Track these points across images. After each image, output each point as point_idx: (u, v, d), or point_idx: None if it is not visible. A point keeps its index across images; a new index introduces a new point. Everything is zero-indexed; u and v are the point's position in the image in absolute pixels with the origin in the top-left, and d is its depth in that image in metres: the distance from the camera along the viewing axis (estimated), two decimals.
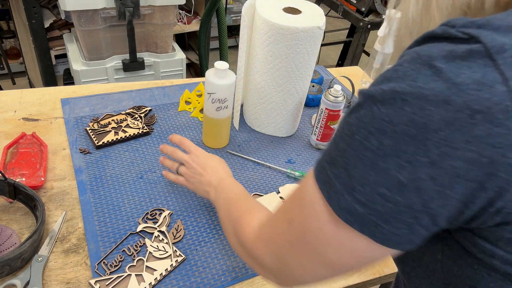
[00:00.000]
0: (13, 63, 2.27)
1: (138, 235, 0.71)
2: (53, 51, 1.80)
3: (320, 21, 0.84)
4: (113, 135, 0.91)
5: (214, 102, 0.85)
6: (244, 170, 0.89)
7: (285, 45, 0.83)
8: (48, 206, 0.74)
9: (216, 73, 0.83)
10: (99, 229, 0.71)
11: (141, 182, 0.82)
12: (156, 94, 1.08)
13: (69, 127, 0.92)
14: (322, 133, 0.96)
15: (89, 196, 0.77)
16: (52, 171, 0.81)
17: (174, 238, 0.72)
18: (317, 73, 1.22)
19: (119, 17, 1.52)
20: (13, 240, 0.66)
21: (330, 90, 0.92)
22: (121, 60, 1.67)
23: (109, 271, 0.65)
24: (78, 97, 1.02)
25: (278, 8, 0.86)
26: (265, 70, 0.89)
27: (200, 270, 0.68)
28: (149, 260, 0.67)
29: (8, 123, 0.91)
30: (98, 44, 1.58)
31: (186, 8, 2.25)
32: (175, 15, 1.68)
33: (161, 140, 0.93)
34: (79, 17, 1.47)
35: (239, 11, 2.83)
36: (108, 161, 0.85)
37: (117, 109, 1.00)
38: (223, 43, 1.88)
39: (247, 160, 0.92)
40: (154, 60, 1.75)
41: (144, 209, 0.76)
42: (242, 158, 0.93)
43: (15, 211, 0.73)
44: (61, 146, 0.88)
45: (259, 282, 0.68)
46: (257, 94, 0.94)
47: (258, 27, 0.85)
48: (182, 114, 1.03)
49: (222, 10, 1.80)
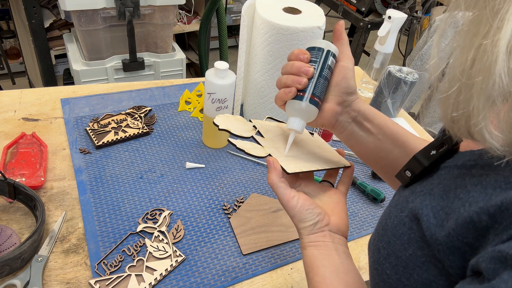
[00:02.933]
0: (13, 63, 2.27)
1: (138, 235, 0.71)
2: (53, 51, 1.80)
3: (320, 21, 0.84)
4: (113, 135, 0.91)
5: (214, 102, 0.85)
6: (244, 170, 0.89)
7: (285, 45, 0.83)
8: (48, 206, 0.74)
9: (216, 73, 0.83)
10: (99, 229, 0.71)
11: (141, 182, 0.82)
12: (156, 94, 1.08)
13: (69, 127, 0.92)
14: (322, 133, 0.96)
15: (89, 196, 0.77)
16: (52, 171, 0.81)
17: (174, 238, 0.72)
18: None
19: (119, 17, 1.52)
20: (13, 240, 0.66)
21: None
22: (121, 60, 1.67)
23: (109, 271, 0.65)
24: (78, 97, 1.02)
25: (278, 8, 0.86)
26: (265, 70, 0.89)
27: (200, 270, 0.68)
28: (149, 260, 0.67)
29: (8, 123, 0.91)
30: (98, 44, 1.58)
31: (186, 8, 2.25)
32: (175, 15, 1.68)
33: (161, 140, 0.93)
34: (79, 17, 1.47)
35: (239, 11, 2.83)
36: (108, 161, 0.85)
37: (117, 109, 1.00)
38: (223, 43, 1.88)
39: (247, 160, 0.92)
40: (154, 60, 1.75)
41: (144, 209, 0.76)
42: (242, 158, 0.93)
43: (15, 211, 0.73)
44: (61, 146, 0.88)
45: (259, 282, 0.68)
46: (257, 94, 0.94)
47: (258, 27, 0.85)
48: (182, 114, 1.03)
49: (222, 10, 1.80)
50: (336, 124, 0.55)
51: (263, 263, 0.71)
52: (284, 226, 0.78)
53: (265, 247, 0.73)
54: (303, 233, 0.51)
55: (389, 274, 0.40)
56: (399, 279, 0.38)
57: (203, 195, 0.82)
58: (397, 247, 0.39)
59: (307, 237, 0.51)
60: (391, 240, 0.40)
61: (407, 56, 2.08)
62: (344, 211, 0.54)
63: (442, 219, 0.35)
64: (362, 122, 0.54)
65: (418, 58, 1.08)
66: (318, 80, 0.52)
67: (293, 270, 0.71)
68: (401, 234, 0.39)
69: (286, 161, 0.55)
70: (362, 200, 0.87)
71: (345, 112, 0.54)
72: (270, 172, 0.52)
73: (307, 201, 0.51)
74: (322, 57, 0.52)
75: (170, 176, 0.84)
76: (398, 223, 0.40)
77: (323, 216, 0.51)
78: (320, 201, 0.55)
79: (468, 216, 0.33)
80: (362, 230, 0.80)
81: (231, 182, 0.86)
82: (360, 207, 0.85)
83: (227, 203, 0.81)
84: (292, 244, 0.75)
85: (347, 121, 0.55)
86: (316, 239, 0.50)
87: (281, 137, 0.61)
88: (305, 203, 0.51)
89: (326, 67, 0.52)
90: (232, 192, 0.83)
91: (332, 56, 0.53)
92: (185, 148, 0.92)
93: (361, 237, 0.79)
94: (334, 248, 0.50)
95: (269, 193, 0.85)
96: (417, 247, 0.37)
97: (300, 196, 0.51)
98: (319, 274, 0.48)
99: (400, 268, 0.38)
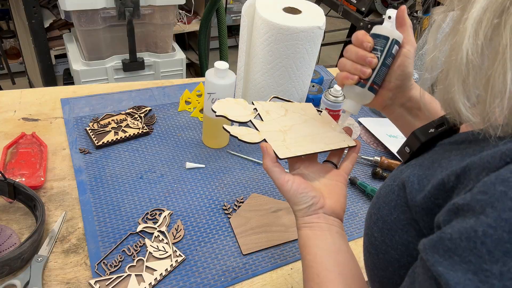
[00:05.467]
0: (13, 63, 2.27)
1: (138, 235, 0.71)
2: (53, 51, 1.80)
3: (320, 21, 0.84)
4: (113, 135, 0.91)
5: (214, 102, 0.85)
6: (244, 170, 0.89)
7: (285, 45, 0.83)
8: (48, 206, 0.74)
9: (216, 73, 0.83)
10: (99, 229, 0.71)
11: (141, 182, 0.82)
12: (156, 94, 1.08)
13: (69, 127, 0.92)
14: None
15: (89, 196, 0.77)
16: (52, 171, 0.81)
17: (174, 238, 0.72)
18: (317, 73, 1.22)
19: (119, 17, 1.52)
20: (13, 240, 0.66)
21: (330, 90, 0.92)
22: (121, 60, 1.67)
23: (109, 271, 0.65)
24: (78, 97, 1.02)
25: (278, 8, 0.86)
26: (265, 70, 0.89)
27: (200, 270, 0.68)
28: (149, 260, 0.67)
29: (8, 123, 0.91)
30: (98, 44, 1.58)
31: (186, 8, 2.25)
32: (175, 15, 1.68)
33: (161, 140, 0.93)
34: (79, 17, 1.47)
35: (239, 11, 2.83)
36: (108, 161, 0.85)
37: (117, 109, 1.00)
38: (223, 43, 1.88)
39: (247, 160, 0.92)
40: (154, 60, 1.75)
41: (144, 209, 0.76)
42: (242, 158, 0.93)
43: (15, 211, 0.73)
44: (61, 146, 0.87)
45: (259, 282, 0.68)
46: (257, 94, 0.94)
47: (258, 27, 0.85)
48: (182, 114, 1.03)
49: (222, 10, 1.80)
50: (386, 107, 0.58)
51: (263, 263, 0.71)
52: (284, 226, 0.77)
53: (265, 247, 0.73)
54: (298, 215, 0.53)
55: (376, 237, 0.43)
56: (383, 240, 0.42)
57: (203, 195, 0.82)
58: (385, 212, 0.42)
59: (301, 218, 0.53)
60: (381, 206, 0.43)
61: None
62: (342, 193, 0.56)
63: (424, 185, 0.37)
64: (412, 108, 0.57)
65: (418, 58, 1.08)
66: (381, 68, 0.53)
67: (293, 270, 0.71)
68: (390, 200, 0.42)
69: (282, 145, 0.55)
70: (362, 200, 0.87)
71: (397, 98, 0.57)
72: (264, 158, 0.54)
73: (302, 184, 0.53)
74: (386, 47, 0.53)
75: (170, 176, 0.84)
76: (389, 191, 0.43)
77: (317, 199, 0.53)
78: (319, 183, 0.56)
79: (441, 178, 0.35)
80: (362, 230, 0.80)
81: (231, 182, 0.86)
82: (360, 207, 0.85)
83: (227, 203, 0.80)
84: (292, 244, 0.75)
85: (397, 105, 0.57)
86: (310, 220, 0.52)
87: (283, 118, 0.61)
88: (299, 187, 0.52)
89: (389, 55, 0.54)
90: (232, 192, 0.83)
91: (396, 43, 0.54)
92: (185, 148, 0.92)
93: (361, 237, 0.79)
94: (327, 229, 0.51)
95: (269, 193, 0.85)
96: (401, 211, 0.40)
97: (294, 180, 0.53)
98: (311, 253, 0.50)
99: (385, 230, 0.41)
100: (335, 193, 0.55)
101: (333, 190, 0.55)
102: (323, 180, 0.56)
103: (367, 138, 1.05)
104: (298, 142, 0.57)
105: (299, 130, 0.60)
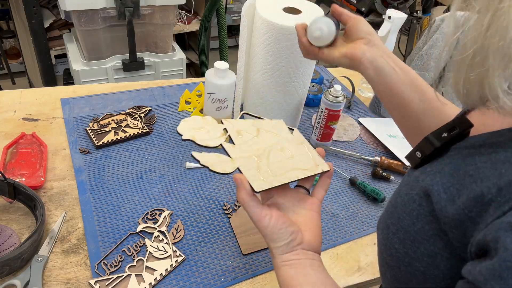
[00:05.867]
0: (13, 63, 2.27)
1: (138, 235, 0.71)
2: (53, 51, 1.80)
3: None
4: (113, 135, 0.91)
5: (214, 102, 0.85)
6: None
7: (285, 45, 0.83)
8: (48, 206, 0.74)
9: (216, 73, 0.83)
10: (99, 229, 0.71)
11: (141, 182, 0.82)
12: (156, 94, 1.08)
13: (69, 127, 0.92)
14: (322, 133, 0.96)
15: (89, 196, 0.77)
16: (52, 171, 0.81)
17: (174, 238, 0.72)
18: (317, 73, 1.22)
19: (119, 17, 1.52)
20: (13, 240, 0.66)
21: (330, 90, 0.92)
22: (121, 60, 1.67)
23: (109, 271, 0.65)
24: (78, 97, 1.02)
25: (278, 8, 0.86)
26: (265, 70, 0.89)
27: (200, 270, 0.68)
28: (149, 260, 0.67)
29: (8, 123, 0.91)
30: (98, 44, 1.58)
31: (186, 8, 2.25)
32: (175, 15, 1.68)
33: (161, 140, 0.93)
34: (79, 17, 1.47)
35: (239, 11, 2.83)
36: (108, 161, 0.85)
37: (117, 109, 1.00)
38: (223, 43, 1.88)
39: None
40: (154, 60, 1.75)
41: (144, 209, 0.76)
42: None
43: (15, 211, 0.73)
44: (61, 146, 0.88)
45: (259, 282, 0.68)
46: (257, 94, 0.94)
47: (258, 27, 0.85)
48: (182, 114, 1.03)
49: (222, 10, 1.81)
50: (363, 59, 0.60)
51: (263, 263, 0.71)
52: None
53: (265, 247, 0.73)
54: (275, 253, 0.50)
55: (397, 248, 0.42)
56: (406, 252, 0.40)
57: (203, 195, 0.82)
58: (406, 222, 0.41)
59: (280, 256, 0.50)
60: (401, 216, 0.42)
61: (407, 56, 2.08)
62: (318, 225, 0.54)
63: (453, 195, 0.37)
64: (387, 60, 0.59)
65: (418, 58, 1.08)
66: None
67: None
68: (411, 210, 0.41)
69: (256, 175, 0.52)
70: (362, 200, 0.87)
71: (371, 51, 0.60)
72: (238, 191, 0.51)
73: (280, 219, 0.50)
74: None
75: (170, 176, 0.84)
76: (408, 201, 0.42)
77: (296, 235, 0.50)
78: (294, 213, 0.54)
79: (479, 190, 0.34)
80: (362, 230, 0.80)
81: (231, 182, 0.86)
82: (360, 207, 0.85)
83: (227, 203, 0.81)
84: None
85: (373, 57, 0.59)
86: (290, 257, 0.49)
87: (256, 139, 0.58)
88: (278, 222, 0.50)
89: None
90: (232, 192, 0.83)
91: None
92: (185, 148, 0.92)
93: (361, 237, 0.79)
94: (309, 265, 0.49)
95: None
96: (426, 222, 0.39)
97: (272, 215, 0.50)
98: None
99: (408, 242, 0.40)
100: (312, 226, 0.53)
101: (309, 222, 0.53)
102: (299, 210, 0.54)
103: (367, 138, 1.05)
104: (273, 170, 0.54)
105: (273, 155, 0.57)
